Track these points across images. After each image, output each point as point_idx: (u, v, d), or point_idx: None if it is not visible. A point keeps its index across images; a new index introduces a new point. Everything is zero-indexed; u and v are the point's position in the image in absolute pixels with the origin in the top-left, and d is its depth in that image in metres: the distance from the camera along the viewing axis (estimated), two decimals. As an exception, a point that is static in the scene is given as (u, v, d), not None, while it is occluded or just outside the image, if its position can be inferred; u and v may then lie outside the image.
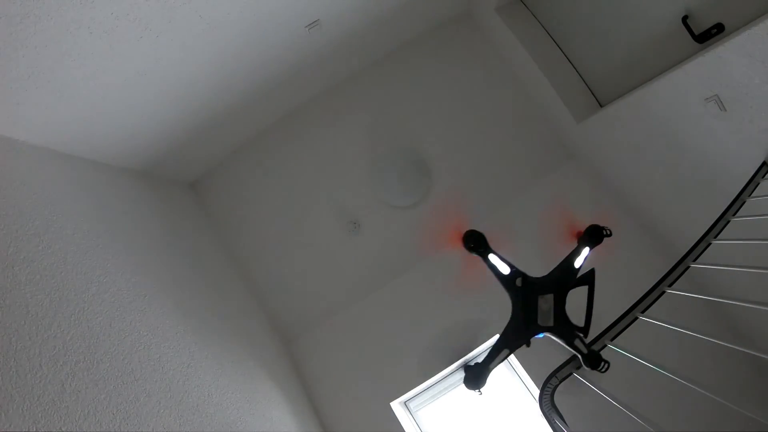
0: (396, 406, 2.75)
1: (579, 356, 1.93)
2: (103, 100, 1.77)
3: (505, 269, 2.20)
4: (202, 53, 1.91)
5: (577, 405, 1.87)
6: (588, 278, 2.15)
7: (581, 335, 2.03)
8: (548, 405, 1.45)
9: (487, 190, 2.96)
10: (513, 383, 2.77)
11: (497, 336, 2.23)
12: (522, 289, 2.15)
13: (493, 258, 2.23)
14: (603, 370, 1.99)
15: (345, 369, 2.81)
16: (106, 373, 1.34)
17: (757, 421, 0.81)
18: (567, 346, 2.03)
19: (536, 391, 2.52)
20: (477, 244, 2.26)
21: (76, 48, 1.44)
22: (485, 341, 2.75)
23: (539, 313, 2.10)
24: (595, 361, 1.96)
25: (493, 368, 2.19)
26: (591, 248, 2.26)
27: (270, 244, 3.02)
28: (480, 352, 2.83)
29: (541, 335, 2.12)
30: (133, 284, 1.75)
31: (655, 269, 1.60)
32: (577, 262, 2.21)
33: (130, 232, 2.01)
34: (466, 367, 2.35)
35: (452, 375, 2.79)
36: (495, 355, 2.17)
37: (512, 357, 2.70)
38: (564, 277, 2.17)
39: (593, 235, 2.26)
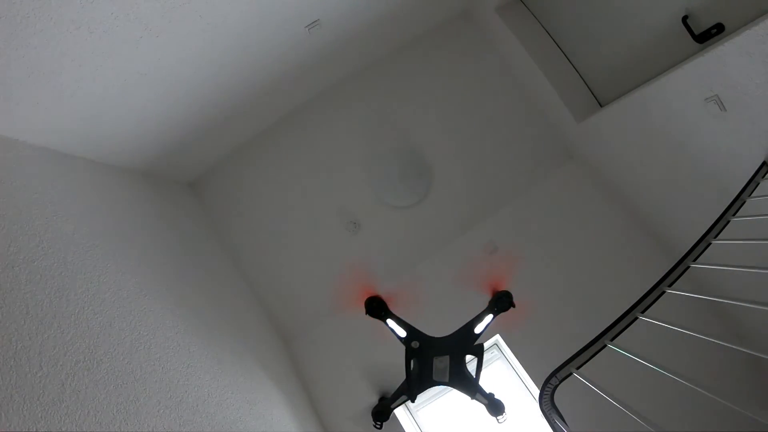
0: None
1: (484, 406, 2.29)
2: (103, 100, 1.76)
3: (401, 332, 2.42)
4: (202, 53, 1.91)
5: (577, 405, 1.88)
6: (478, 352, 2.35)
7: (480, 389, 2.33)
8: (548, 405, 1.45)
9: (487, 189, 2.97)
10: (513, 383, 2.77)
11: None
12: (418, 350, 2.36)
13: (390, 322, 2.45)
14: (501, 421, 2.36)
15: (345, 369, 2.81)
16: (106, 373, 1.34)
17: (757, 421, 0.81)
18: (469, 398, 2.33)
19: (536, 391, 2.52)
20: (373, 310, 2.50)
21: (76, 48, 1.44)
22: (487, 339, 2.75)
23: (434, 370, 2.33)
24: (496, 409, 2.34)
25: (393, 408, 2.47)
26: (495, 315, 2.40)
27: (270, 243, 3.02)
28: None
29: (440, 386, 2.37)
30: (133, 284, 1.75)
31: (655, 269, 1.60)
32: (478, 328, 2.37)
33: (130, 232, 2.01)
34: (380, 399, 2.61)
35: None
36: (396, 398, 2.44)
37: (512, 357, 2.71)
38: (462, 341, 2.36)
39: (499, 303, 2.40)
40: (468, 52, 3.02)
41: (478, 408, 2.57)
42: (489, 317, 2.38)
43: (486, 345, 2.80)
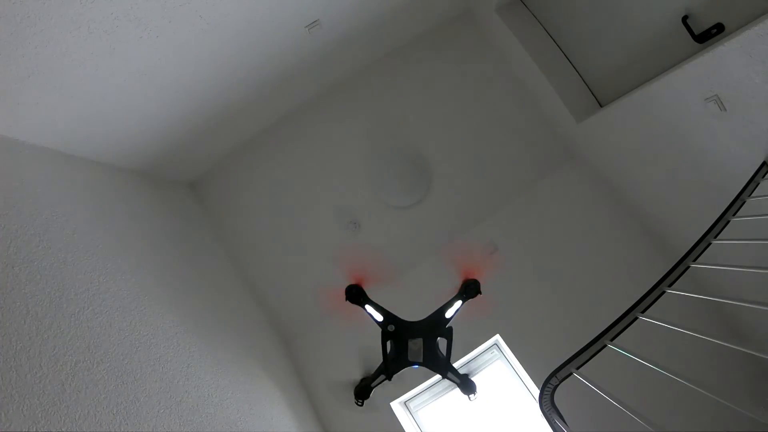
0: (396, 406, 2.75)
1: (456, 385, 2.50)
2: (103, 100, 1.77)
3: (378, 317, 2.57)
4: (201, 53, 1.91)
5: (577, 405, 1.87)
6: (448, 334, 2.50)
7: (451, 368, 2.51)
8: (548, 405, 1.45)
9: (487, 189, 2.97)
10: (513, 383, 2.77)
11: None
12: (393, 333, 2.54)
13: (368, 308, 2.61)
14: (473, 399, 2.53)
15: (345, 369, 2.81)
16: (106, 373, 1.34)
17: (757, 421, 0.81)
18: (442, 377, 2.49)
19: (536, 391, 2.52)
20: (353, 297, 2.64)
21: (76, 48, 1.44)
22: (486, 339, 2.75)
23: (409, 352, 2.52)
24: (468, 387, 2.53)
25: (373, 387, 2.63)
26: (463, 302, 2.57)
27: (270, 243, 3.02)
28: (481, 351, 2.83)
29: (415, 366, 2.54)
30: (133, 284, 1.75)
31: (655, 269, 1.60)
32: (449, 313, 2.54)
33: (130, 232, 2.01)
34: (362, 379, 2.75)
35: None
36: (375, 378, 2.60)
37: (512, 357, 2.71)
38: (434, 325, 2.53)
39: (468, 290, 2.58)
40: (468, 52, 3.02)
41: (476, 407, 2.59)
42: (458, 303, 2.54)
43: (486, 345, 2.80)
